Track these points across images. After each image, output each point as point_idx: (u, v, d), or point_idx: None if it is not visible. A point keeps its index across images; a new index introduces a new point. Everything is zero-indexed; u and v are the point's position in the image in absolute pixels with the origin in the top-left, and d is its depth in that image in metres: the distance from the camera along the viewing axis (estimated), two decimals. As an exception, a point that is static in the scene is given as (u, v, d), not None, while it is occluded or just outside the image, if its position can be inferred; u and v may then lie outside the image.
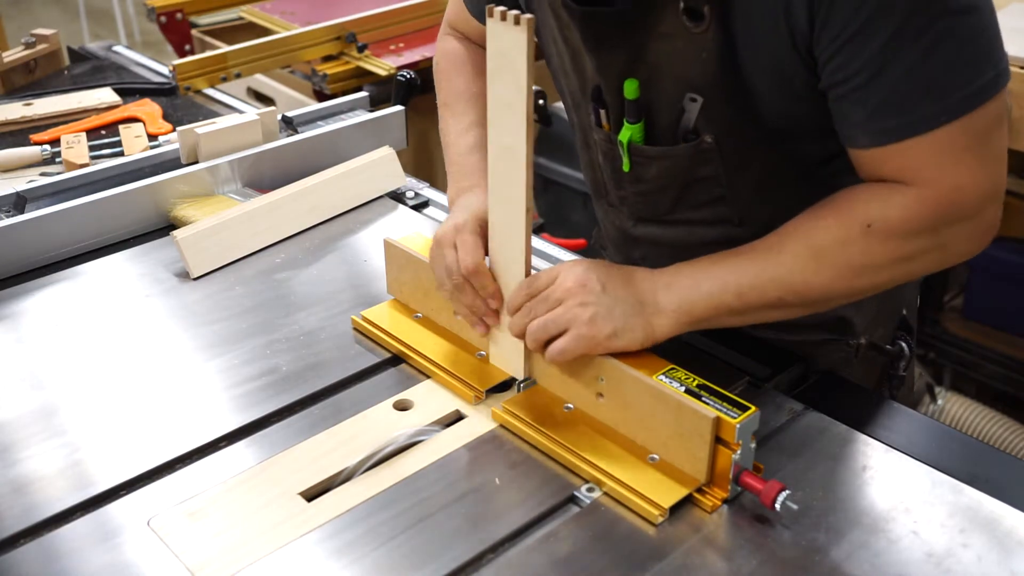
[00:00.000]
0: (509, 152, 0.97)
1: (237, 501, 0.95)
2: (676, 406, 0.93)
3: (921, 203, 0.91)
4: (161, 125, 1.78)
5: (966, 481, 0.96)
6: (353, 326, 1.22)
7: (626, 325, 0.96)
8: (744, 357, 1.13)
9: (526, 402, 1.05)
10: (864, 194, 0.94)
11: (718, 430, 0.91)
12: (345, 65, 2.43)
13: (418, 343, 1.15)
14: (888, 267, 0.95)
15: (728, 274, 0.97)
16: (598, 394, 1.01)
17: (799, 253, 0.95)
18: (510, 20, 0.90)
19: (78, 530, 0.93)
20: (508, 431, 1.04)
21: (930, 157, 0.90)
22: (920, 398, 2.34)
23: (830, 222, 0.95)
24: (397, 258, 1.21)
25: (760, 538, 0.90)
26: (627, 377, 0.97)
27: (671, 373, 0.96)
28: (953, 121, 0.87)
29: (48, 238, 1.38)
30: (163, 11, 2.77)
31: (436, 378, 1.11)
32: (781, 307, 0.98)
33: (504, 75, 0.94)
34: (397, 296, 1.24)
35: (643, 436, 0.98)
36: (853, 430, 1.03)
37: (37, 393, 1.12)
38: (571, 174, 2.89)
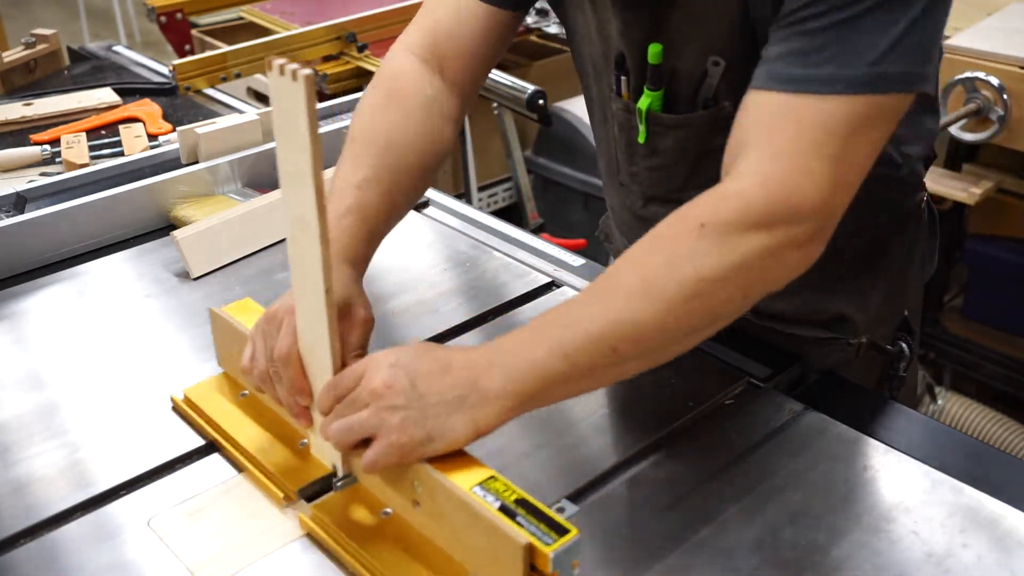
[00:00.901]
0: (302, 224, 0.83)
1: (237, 501, 0.95)
2: (488, 526, 0.80)
3: (760, 186, 0.84)
4: (161, 125, 1.78)
5: (966, 481, 0.96)
6: (172, 405, 1.09)
7: (443, 426, 0.83)
8: (744, 357, 1.13)
9: (340, 506, 0.92)
10: (700, 196, 0.88)
11: (531, 558, 0.77)
12: (345, 65, 2.43)
13: (236, 429, 1.01)
14: (723, 279, 0.84)
15: (555, 333, 0.84)
16: (415, 501, 0.87)
17: (628, 288, 0.85)
18: (288, 75, 0.77)
19: (78, 530, 0.93)
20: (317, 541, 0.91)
21: (801, 124, 0.84)
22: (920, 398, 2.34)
23: (663, 237, 0.87)
24: (223, 330, 1.07)
25: (756, 541, 0.90)
26: (440, 487, 0.83)
27: (489, 483, 0.82)
28: (843, 95, 0.83)
29: (48, 238, 1.38)
30: (163, 11, 2.77)
31: (247, 473, 0.98)
32: (618, 362, 0.85)
33: (289, 136, 0.80)
34: (226, 369, 1.11)
35: (460, 553, 0.85)
36: (853, 430, 1.03)
37: (37, 393, 1.12)
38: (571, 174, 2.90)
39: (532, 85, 2.17)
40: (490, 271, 1.36)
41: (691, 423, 1.05)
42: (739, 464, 0.99)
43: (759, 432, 1.03)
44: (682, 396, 1.07)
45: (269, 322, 0.95)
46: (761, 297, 0.88)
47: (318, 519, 0.91)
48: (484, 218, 1.50)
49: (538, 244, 1.42)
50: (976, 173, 2.25)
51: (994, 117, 2.05)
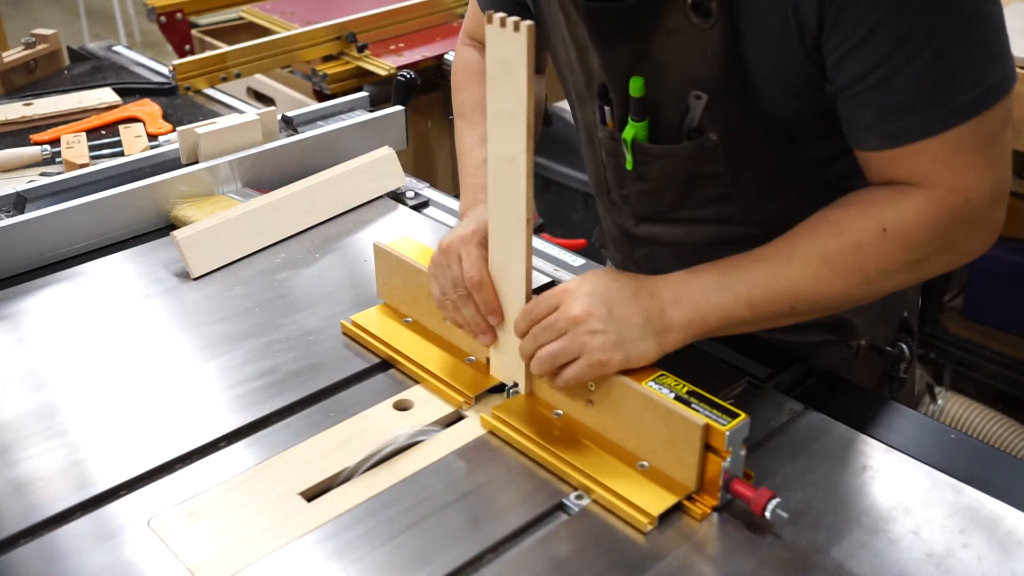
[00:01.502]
0: (509, 162, 0.95)
1: (237, 501, 0.95)
2: (665, 413, 0.91)
3: (933, 204, 0.91)
4: (161, 125, 1.78)
5: (966, 481, 0.96)
6: (343, 331, 1.21)
7: (637, 348, 0.95)
8: (744, 357, 1.13)
9: (515, 408, 1.04)
10: (876, 197, 0.94)
11: (707, 437, 0.89)
12: (345, 65, 2.43)
13: (407, 348, 1.14)
14: (901, 271, 0.95)
15: (738, 285, 0.96)
16: (588, 401, 0.99)
17: (811, 260, 0.94)
18: (509, 26, 0.88)
19: (78, 530, 0.93)
20: (497, 437, 1.03)
21: (941, 159, 0.90)
22: (920, 398, 2.34)
23: (843, 227, 0.94)
24: (387, 262, 1.20)
25: (755, 542, 0.90)
26: (616, 384, 0.96)
27: (661, 379, 0.94)
28: (963, 123, 0.88)
29: (48, 238, 1.38)
30: (163, 11, 2.77)
31: (425, 384, 1.11)
32: (793, 315, 0.97)
33: (504, 83, 0.92)
34: (387, 300, 1.23)
35: (633, 443, 0.96)
36: (853, 430, 1.03)
37: (37, 393, 1.12)
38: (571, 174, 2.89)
39: (532, 85, 2.17)
40: (490, 271, 1.36)
41: (691, 423, 1.05)
42: (739, 464, 0.99)
43: (759, 432, 1.03)
44: (682, 396, 1.07)
45: (446, 255, 1.05)
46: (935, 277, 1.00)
47: (498, 417, 1.03)
48: (484, 218, 1.50)
49: (538, 244, 1.42)
50: (976, 173, 2.24)
51: (994, 117, 2.05)
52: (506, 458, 1.00)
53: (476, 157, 1.18)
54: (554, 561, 0.89)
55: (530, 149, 0.93)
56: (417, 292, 1.16)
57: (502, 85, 0.92)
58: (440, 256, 1.06)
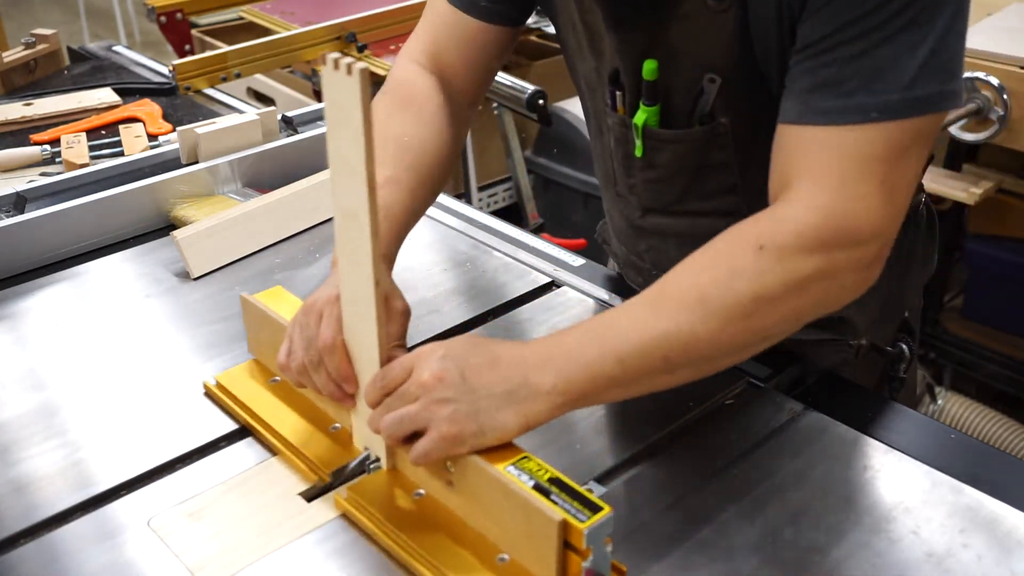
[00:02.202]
0: (351, 217, 0.85)
1: (237, 501, 0.95)
2: (522, 504, 0.82)
3: (814, 212, 0.85)
4: (161, 125, 1.78)
5: (966, 481, 0.96)
6: (205, 391, 1.11)
7: (494, 420, 0.85)
8: (744, 357, 1.13)
9: (373, 488, 0.94)
10: (755, 218, 0.90)
11: (566, 534, 0.80)
12: (345, 65, 2.43)
13: (269, 414, 1.04)
14: (780, 299, 0.85)
15: (608, 338, 0.86)
16: (448, 482, 0.89)
17: (684, 300, 0.86)
18: (342, 69, 0.78)
19: (78, 530, 0.93)
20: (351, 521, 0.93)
21: (843, 154, 0.85)
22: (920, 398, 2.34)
23: (718, 254, 0.88)
24: (254, 316, 1.10)
25: (761, 537, 0.90)
26: (472, 466, 0.86)
27: (522, 463, 0.85)
28: (883, 121, 0.84)
29: (48, 238, 1.38)
30: (163, 11, 2.77)
31: (281, 456, 1.01)
32: (668, 371, 0.87)
33: (341, 130, 0.81)
34: (256, 356, 1.13)
35: (494, 532, 0.87)
36: (853, 430, 1.03)
37: (37, 393, 1.12)
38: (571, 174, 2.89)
39: (532, 85, 2.17)
40: (490, 271, 1.36)
41: (691, 423, 1.05)
42: (739, 464, 0.99)
43: (759, 432, 1.03)
44: (682, 396, 1.07)
45: (307, 314, 0.96)
46: (813, 318, 0.89)
47: (353, 500, 0.93)
48: (484, 218, 1.50)
49: (538, 244, 1.42)
50: (976, 173, 2.25)
51: (994, 117, 2.05)
52: (359, 547, 0.91)
53: None
54: None
55: (373, 204, 0.83)
56: None
57: (339, 132, 0.82)
58: (301, 315, 0.97)
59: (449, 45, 1.15)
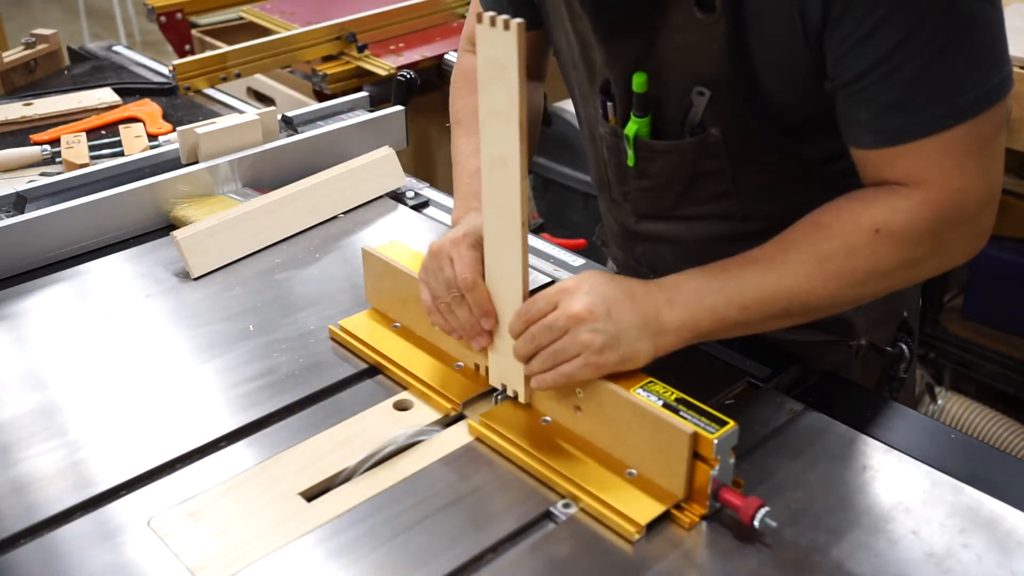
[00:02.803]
0: (501, 164, 0.93)
1: (237, 501, 0.95)
2: (653, 421, 0.90)
3: (925, 206, 0.91)
4: (161, 125, 1.78)
5: (966, 481, 0.96)
6: (331, 335, 1.20)
7: (632, 350, 0.94)
8: (744, 357, 1.13)
9: (503, 415, 1.03)
10: (868, 199, 0.94)
11: (696, 445, 0.88)
12: (345, 65, 2.43)
13: (395, 354, 1.13)
14: (893, 273, 0.95)
15: (731, 287, 0.95)
16: (576, 407, 0.98)
17: (804, 262, 0.94)
18: (499, 25, 0.85)
19: (78, 530, 0.93)
20: (484, 444, 1.01)
21: (935, 159, 0.90)
22: (920, 398, 2.34)
23: (835, 229, 0.94)
24: (375, 267, 1.18)
25: (752, 544, 0.90)
26: (604, 390, 0.94)
27: (649, 386, 0.93)
28: (959, 125, 0.88)
29: (48, 238, 1.38)
30: (163, 11, 2.76)
31: (412, 390, 1.09)
32: (786, 317, 0.97)
33: (496, 83, 0.89)
34: (375, 305, 1.22)
35: (621, 450, 0.95)
36: (853, 430, 1.03)
37: (37, 393, 1.12)
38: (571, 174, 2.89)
39: (532, 85, 2.17)
40: (490, 271, 1.36)
41: (691, 423, 1.05)
42: (739, 464, 0.99)
43: (759, 432, 1.03)
44: (682, 396, 1.07)
45: (436, 258, 1.03)
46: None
47: (486, 424, 1.01)
48: (484, 218, 1.50)
49: (538, 244, 1.42)
50: (976, 173, 2.24)
51: (994, 117, 2.05)
52: (493, 465, 0.99)
53: (471, 166, 1.17)
54: (541, 570, 0.88)
55: (523, 150, 0.91)
56: (406, 297, 1.14)
57: (493, 85, 0.90)
58: (431, 260, 1.04)
59: None
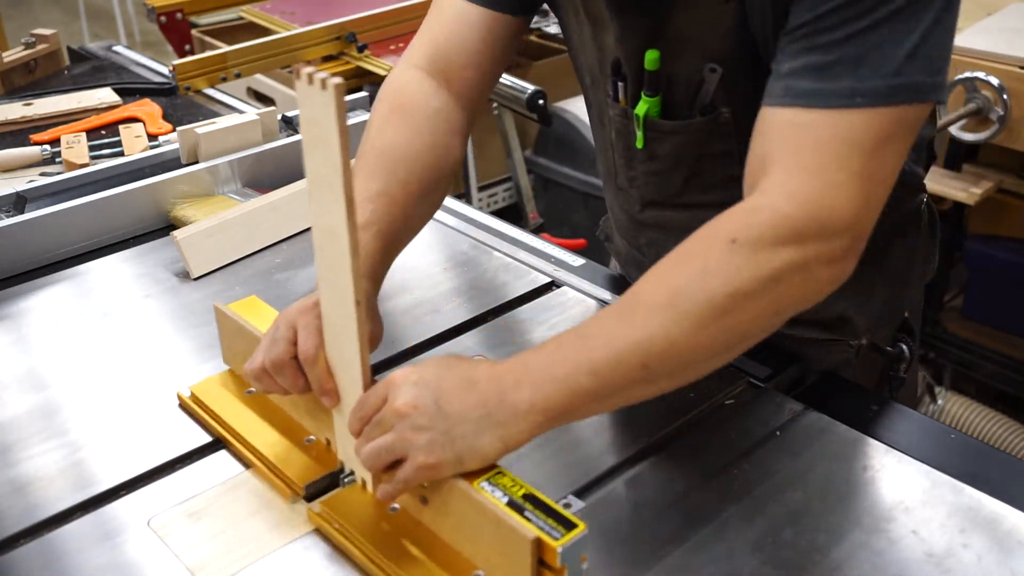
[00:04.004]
0: (330, 235, 0.82)
1: (237, 501, 0.95)
2: (495, 521, 0.80)
3: (790, 201, 0.83)
4: (161, 125, 1.78)
5: (966, 481, 0.96)
6: (179, 403, 1.10)
7: (471, 446, 0.83)
8: (744, 357, 1.13)
9: (347, 503, 0.92)
10: (729, 211, 0.88)
11: (540, 552, 0.78)
12: (345, 65, 2.43)
13: (243, 426, 1.02)
14: (755, 294, 0.83)
15: (581, 352, 0.83)
16: (422, 498, 0.88)
17: (657, 303, 0.83)
18: (316, 84, 0.75)
19: (78, 530, 0.93)
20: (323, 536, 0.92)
21: (824, 139, 0.84)
22: (920, 398, 2.35)
23: (690, 251, 0.86)
24: (228, 326, 1.08)
25: (761, 537, 0.90)
26: (446, 483, 0.84)
27: (496, 479, 0.83)
28: (864, 108, 0.83)
29: (48, 238, 1.38)
30: (163, 11, 2.77)
31: (255, 469, 0.99)
32: (647, 380, 0.84)
33: (317, 147, 0.79)
34: (231, 366, 1.11)
35: (469, 549, 0.85)
36: (853, 430, 1.03)
37: (37, 393, 1.12)
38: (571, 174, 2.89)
39: (532, 85, 2.17)
40: (490, 271, 1.36)
41: (691, 423, 1.05)
42: (739, 464, 0.99)
43: (759, 432, 1.03)
44: (682, 396, 1.07)
45: (278, 327, 0.94)
46: (792, 315, 0.87)
47: (327, 514, 0.91)
48: (484, 218, 1.50)
49: (538, 244, 1.42)
50: (976, 173, 2.25)
51: (994, 117, 2.05)
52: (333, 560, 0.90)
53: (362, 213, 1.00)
54: None
55: (352, 223, 0.80)
56: None
57: (315, 150, 0.79)
58: (274, 327, 0.95)
59: (453, 42, 1.12)
